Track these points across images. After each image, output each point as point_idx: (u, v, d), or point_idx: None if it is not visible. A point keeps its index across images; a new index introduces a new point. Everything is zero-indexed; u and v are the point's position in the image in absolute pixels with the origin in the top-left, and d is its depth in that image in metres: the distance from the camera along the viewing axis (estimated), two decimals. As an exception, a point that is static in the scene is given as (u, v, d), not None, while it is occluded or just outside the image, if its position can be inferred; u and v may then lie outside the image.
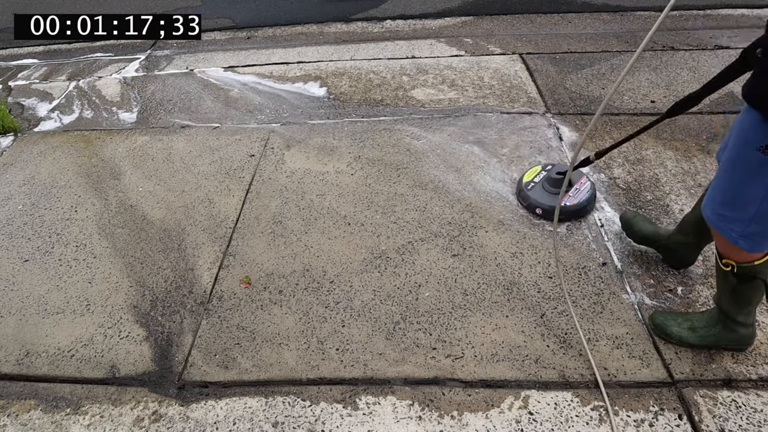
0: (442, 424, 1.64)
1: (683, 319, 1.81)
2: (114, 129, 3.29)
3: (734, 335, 1.72)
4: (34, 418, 1.75)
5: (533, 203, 2.36)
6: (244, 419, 1.70)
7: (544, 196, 2.37)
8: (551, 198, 2.35)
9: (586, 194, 2.35)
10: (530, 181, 2.44)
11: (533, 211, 2.37)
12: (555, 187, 2.37)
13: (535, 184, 2.42)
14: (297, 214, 2.48)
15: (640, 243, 2.14)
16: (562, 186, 2.21)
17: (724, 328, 1.73)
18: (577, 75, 3.45)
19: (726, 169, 1.42)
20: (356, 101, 3.34)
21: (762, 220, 1.38)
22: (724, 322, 1.72)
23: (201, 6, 5.16)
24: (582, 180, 2.41)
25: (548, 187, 2.39)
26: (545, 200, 2.35)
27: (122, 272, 2.27)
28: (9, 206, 2.70)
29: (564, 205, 2.30)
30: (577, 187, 2.38)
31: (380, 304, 2.04)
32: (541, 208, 2.34)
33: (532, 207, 2.37)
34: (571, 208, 2.31)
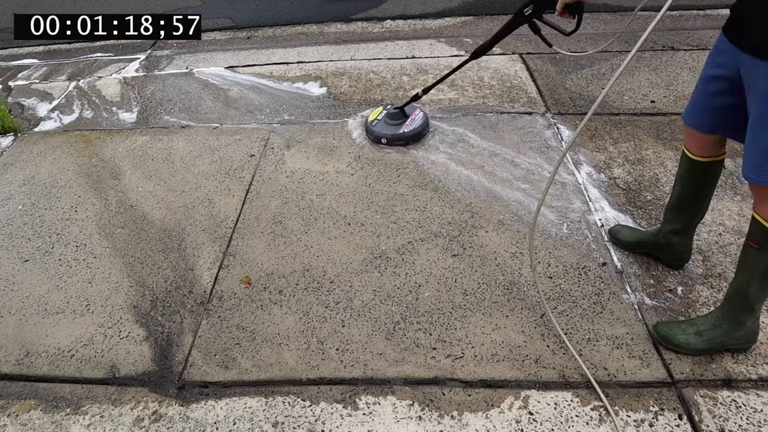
0: (442, 424, 1.64)
1: (687, 325, 1.79)
2: (114, 129, 3.29)
3: (741, 331, 1.72)
4: (34, 418, 1.75)
5: (378, 135, 2.86)
6: (244, 419, 1.70)
7: (386, 127, 2.87)
8: (392, 128, 2.85)
9: (420, 121, 2.90)
10: (374, 119, 2.93)
11: (379, 141, 2.86)
12: (394, 120, 2.88)
13: (378, 120, 2.92)
14: (297, 214, 2.48)
15: (633, 250, 2.16)
16: (399, 118, 2.87)
17: (730, 326, 1.72)
18: (577, 75, 3.45)
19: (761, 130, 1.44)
20: (356, 101, 3.34)
21: None
22: (732, 319, 1.71)
23: (201, 6, 5.16)
24: (416, 112, 2.96)
25: (389, 121, 2.88)
26: (387, 131, 2.85)
27: (122, 272, 2.27)
28: (9, 206, 2.70)
29: (402, 132, 2.83)
30: (413, 118, 2.91)
31: (380, 304, 2.04)
32: (385, 138, 2.84)
33: (377, 138, 2.86)
34: (408, 134, 2.83)
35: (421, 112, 2.96)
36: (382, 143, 2.85)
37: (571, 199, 2.44)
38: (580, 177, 2.58)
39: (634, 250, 2.16)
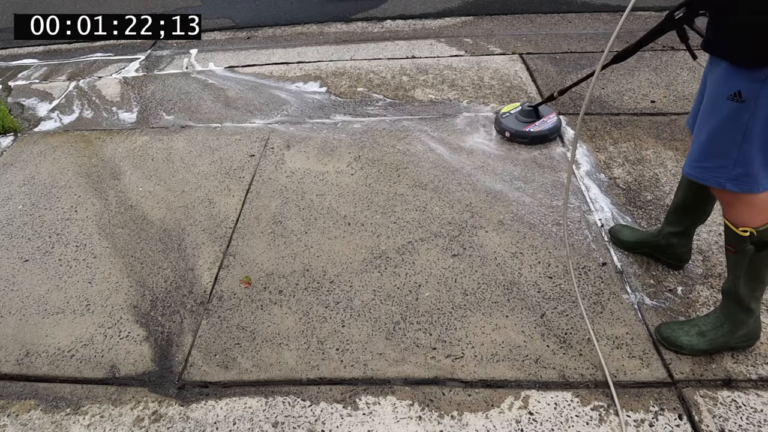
0: (442, 424, 1.64)
1: (689, 326, 1.79)
2: (114, 129, 3.29)
3: (743, 330, 1.72)
4: (34, 418, 1.75)
5: (504, 127, 2.84)
6: (244, 419, 1.70)
7: (515, 123, 2.84)
8: (520, 125, 2.82)
9: (550, 125, 2.83)
10: (507, 112, 2.92)
11: (503, 134, 2.86)
12: (526, 117, 2.84)
13: (510, 114, 2.90)
14: (297, 214, 2.48)
15: (633, 250, 2.16)
16: (530, 116, 2.83)
17: (732, 325, 1.72)
18: (577, 75, 3.45)
19: (702, 125, 1.48)
20: (356, 101, 3.34)
21: (745, 162, 1.42)
22: (732, 318, 1.71)
23: (201, 6, 5.16)
24: (551, 115, 2.88)
25: (520, 117, 2.86)
26: (515, 126, 2.83)
27: (122, 272, 2.27)
28: (9, 206, 2.70)
29: (528, 131, 2.79)
30: (545, 119, 2.85)
31: (380, 304, 2.04)
32: (509, 132, 2.83)
33: (502, 131, 2.86)
34: (534, 134, 2.78)
35: (555, 117, 2.88)
36: (506, 137, 2.85)
37: (571, 199, 2.44)
38: (581, 177, 2.58)
39: (634, 250, 2.16)
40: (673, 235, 1.99)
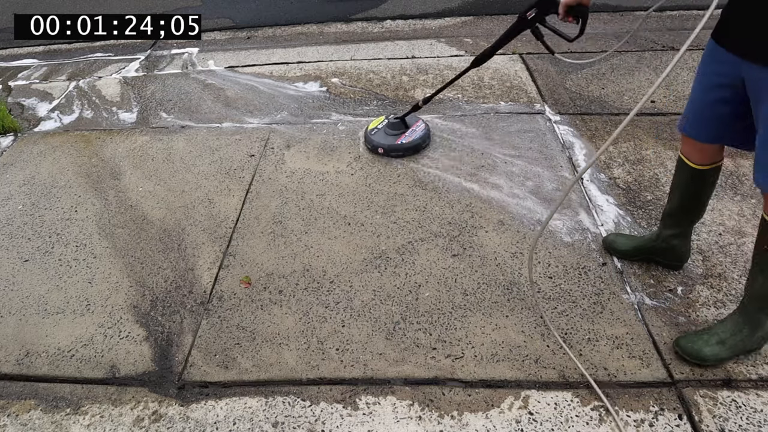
0: (442, 424, 1.64)
1: (708, 335, 1.74)
2: (114, 129, 3.29)
3: (761, 332, 1.69)
4: (34, 418, 1.75)
5: (375, 144, 2.79)
6: (244, 419, 1.70)
7: (384, 137, 2.81)
8: (391, 138, 2.79)
9: (420, 133, 2.83)
10: (374, 128, 2.87)
11: (375, 151, 2.81)
12: (393, 130, 2.82)
13: (378, 130, 2.86)
14: (297, 214, 2.48)
15: (631, 257, 2.12)
16: (399, 128, 2.81)
17: (751, 329, 1.69)
18: (577, 75, 3.45)
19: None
20: (356, 101, 3.34)
21: None
22: (752, 321, 1.68)
23: (201, 6, 5.16)
24: (417, 123, 2.89)
25: (389, 131, 2.82)
26: (385, 141, 2.79)
27: (122, 272, 2.27)
28: (9, 206, 2.70)
29: (400, 143, 2.77)
30: (413, 129, 2.85)
31: (380, 304, 2.04)
32: (381, 148, 2.78)
33: (374, 148, 2.80)
34: (406, 145, 2.77)
35: (423, 124, 2.89)
36: (379, 153, 2.79)
37: (570, 199, 2.44)
38: (580, 177, 2.58)
39: (632, 257, 2.12)
40: (674, 237, 1.98)
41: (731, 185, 2.46)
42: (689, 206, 1.89)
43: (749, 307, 1.70)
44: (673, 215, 1.95)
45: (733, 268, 2.07)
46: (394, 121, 2.84)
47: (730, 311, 1.90)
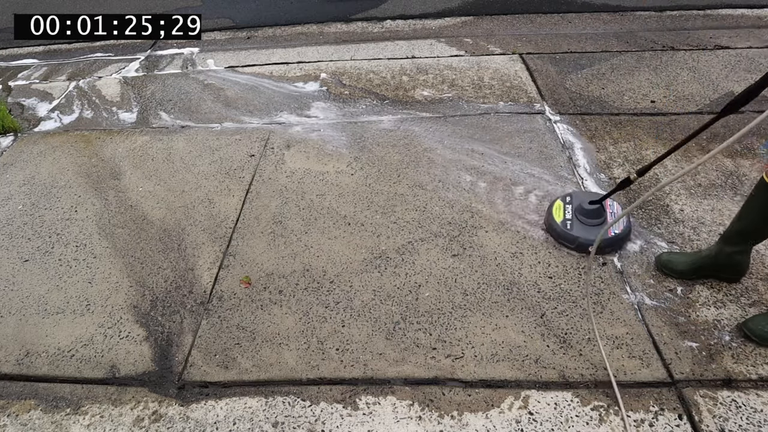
0: (442, 424, 1.64)
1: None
2: (114, 129, 3.29)
3: None
4: (34, 418, 1.75)
5: (583, 242, 2.16)
6: (244, 419, 1.70)
7: (590, 230, 2.18)
8: (596, 231, 2.17)
9: (619, 209, 2.29)
10: (564, 219, 2.24)
11: (584, 251, 2.17)
12: (592, 218, 2.21)
13: (572, 220, 2.23)
14: (297, 214, 2.48)
15: (689, 276, 2.02)
16: (596, 215, 2.20)
17: None
18: (577, 75, 3.45)
19: None
20: (356, 101, 3.34)
21: None
22: None
23: (201, 6, 5.16)
24: (608, 203, 2.29)
25: (586, 220, 2.21)
26: (592, 235, 2.16)
27: (122, 272, 2.27)
28: (9, 206, 2.70)
29: (614, 234, 2.16)
30: (611, 212, 2.27)
31: (380, 304, 2.04)
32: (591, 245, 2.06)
33: (582, 246, 2.17)
34: (621, 235, 2.18)
35: (613, 202, 2.32)
36: (589, 251, 2.03)
37: (571, 199, 2.44)
38: (580, 177, 2.58)
39: (689, 276, 2.02)
40: (738, 254, 1.93)
41: (731, 185, 2.46)
42: (760, 229, 1.83)
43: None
44: (742, 234, 1.88)
45: (733, 268, 2.07)
46: (590, 208, 2.21)
47: (730, 311, 1.91)
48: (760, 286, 2.00)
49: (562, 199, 2.33)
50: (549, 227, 2.27)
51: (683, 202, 2.39)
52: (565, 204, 2.30)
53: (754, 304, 1.93)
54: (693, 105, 3.07)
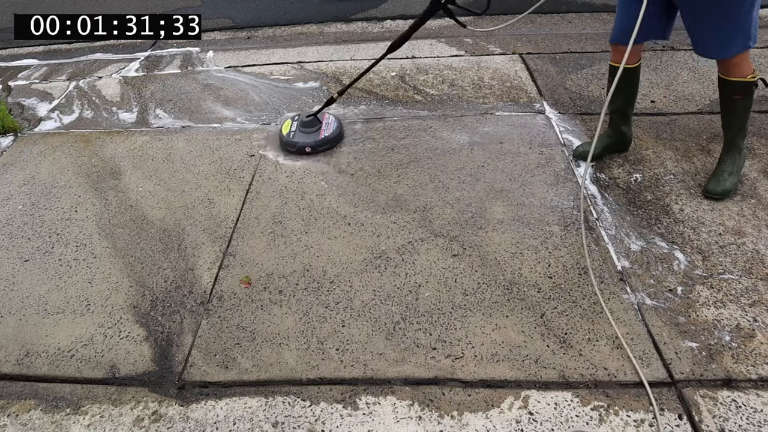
0: (442, 424, 1.64)
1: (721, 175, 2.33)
2: (114, 129, 3.29)
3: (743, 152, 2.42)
4: (34, 418, 1.75)
5: (301, 145, 2.81)
6: (244, 419, 1.70)
7: (307, 136, 2.84)
8: (314, 136, 2.83)
9: (335, 124, 2.91)
10: (289, 131, 2.88)
11: (303, 152, 2.82)
12: (310, 127, 2.85)
13: (294, 132, 2.87)
14: (297, 214, 2.48)
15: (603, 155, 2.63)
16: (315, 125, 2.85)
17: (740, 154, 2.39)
18: (577, 75, 3.46)
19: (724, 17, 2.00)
20: (356, 101, 3.34)
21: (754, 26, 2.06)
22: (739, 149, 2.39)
23: (201, 6, 5.16)
24: (326, 117, 2.94)
25: (305, 130, 2.85)
26: (308, 139, 2.82)
27: (122, 272, 2.27)
28: (9, 206, 2.70)
29: (324, 137, 2.83)
30: (327, 122, 2.90)
31: (380, 304, 2.04)
32: (309, 147, 2.81)
33: (301, 149, 2.81)
34: (330, 138, 2.85)
35: (330, 116, 2.97)
36: (307, 152, 2.81)
37: (571, 199, 2.44)
38: (580, 177, 2.58)
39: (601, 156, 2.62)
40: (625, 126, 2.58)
41: (731, 185, 2.46)
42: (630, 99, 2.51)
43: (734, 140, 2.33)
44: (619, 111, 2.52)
45: (733, 268, 2.07)
46: (307, 120, 2.88)
47: (730, 311, 1.91)
48: (760, 286, 2.00)
49: (292, 119, 2.98)
50: (280, 139, 2.92)
51: (683, 202, 2.39)
52: (292, 121, 2.95)
53: (754, 303, 1.94)
54: (693, 105, 3.06)
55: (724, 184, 2.32)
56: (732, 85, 2.18)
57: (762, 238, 2.19)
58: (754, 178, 2.47)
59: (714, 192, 2.33)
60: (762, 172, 2.51)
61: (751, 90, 2.19)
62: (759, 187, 2.43)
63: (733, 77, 2.15)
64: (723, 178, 2.34)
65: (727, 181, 2.32)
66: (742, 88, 2.16)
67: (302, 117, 2.91)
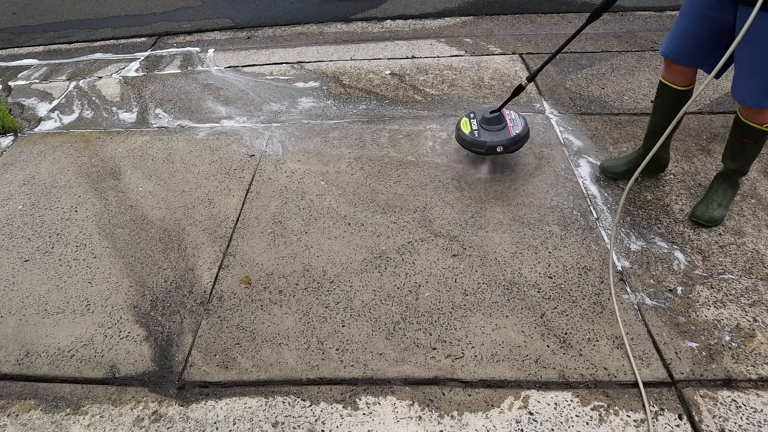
0: (442, 424, 1.64)
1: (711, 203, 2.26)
2: (114, 129, 3.29)
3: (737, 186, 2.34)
4: (34, 418, 1.75)
5: (491, 144, 2.48)
6: (244, 419, 1.70)
7: (496, 135, 2.51)
8: (504, 134, 2.51)
9: (521, 120, 2.58)
10: (472, 130, 2.56)
11: (493, 152, 2.50)
12: (495, 125, 2.53)
13: (478, 130, 2.55)
14: (297, 214, 2.48)
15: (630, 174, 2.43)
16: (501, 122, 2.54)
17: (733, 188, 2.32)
18: (577, 75, 3.46)
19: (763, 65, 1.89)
20: (356, 101, 3.34)
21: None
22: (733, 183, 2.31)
23: (201, 6, 5.16)
24: (506, 113, 2.61)
25: (490, 127, 2.53)
26: (501, 137, 2.49)
27: (122, 272, 2.27)
28: (9, 206, 2.70)
29: (516, 134, 2.50)
30: (512, 118, 2.58)
31: (380, 304, 2.04)
32: (501, 146, 2.48)
33: (491, 148, 2.49)
34: (522, 134, 2.52)
35: (511, 112, 2.64)
36: (498, 152, 2.50)
37: (570, 199, 2.44)
38: (580, 177, 2.58)
39: (629, 175, 2.45)
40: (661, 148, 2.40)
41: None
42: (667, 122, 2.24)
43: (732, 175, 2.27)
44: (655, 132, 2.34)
45: (733, 268, 2.07)
46: (491, 116, 2.55)
47: (730, 311, 1.91)
48: (760, 286, 2.00)
49: (467, 116, 2.65)
50: (460, 140, 2.59)
51: (683, 202, 2.39)
52: (470, 119, 2.62)
53: (754, 303, 1.94)
54: (693, 105, 3.06)
55: (712, 212, 2.25)
56: (748, 129, 2.10)
57: (762, 238, 2.19)
58: (754, 178, 2.47)
59: (700, 218, 2.25)
60: (762, 172, 2.51)
61: (763, 138, 2.12)
62: (759, 187, 2.43)
63: (752, 122, 2.08)
64: (712, 207, 2.26)
65: (716, 211, 2.25)
66: (757, 134, 2.10)
67: (484, 113, 2.58)
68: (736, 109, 2.16)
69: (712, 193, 2.30)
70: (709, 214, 2.24)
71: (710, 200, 2.28)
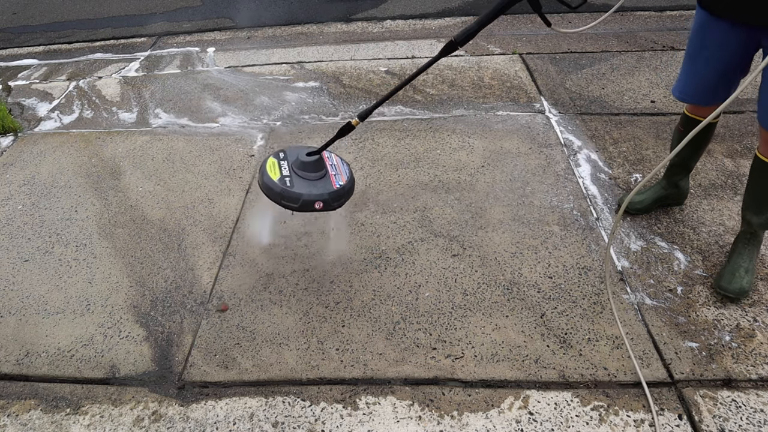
0: (442, 424, 1.64)
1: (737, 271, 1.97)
2: (114, 129, 3.29)
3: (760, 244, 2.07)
4: (34, 418, 1.75)
5: (308, 199, 1.82)
6: (244, 419, 1.70)
7: (310, 185, 1.86)
8: (318, 185, 1.87)
9: (345, 167, 1.99)
10: (282, 177, 1.87)
11: (311, 208, 1.84)
12: (312, 171, 1.90)
13: (290, 176, 1.88)
14: (297, 214, 2.48)
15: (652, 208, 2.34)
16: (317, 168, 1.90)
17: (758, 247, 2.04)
18: (577, 75, 3.46)
19: None
20: (356, 101, 3.35)
21: None
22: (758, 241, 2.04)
23: (201, 6, 5.16)
24: (326, 157, 2.00)
25: (305, 174, 1.89)
26: (317, 189, 1.85)
27: (122, 272, 2.27)
28: (9, 206, 2.70)
29: (340, 186, 1.89)
30: (334, 164, 1.98)
31: (380, 304, 2.04)
32: (321, 201, 1.84)
33: (307, 204, 1.83)
34: (347, 187, 1.92)
35: (332, 154, 2.06)
36: (317, 208, 1.84)
37: (570, 199, 2.44)
38: (580, 177, 2.58)
39: (651, 209, 2.35)
40: (681, 180, 2.30)
41: (731, 185, 2.46)
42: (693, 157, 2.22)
43: (758, 231, 2.01)
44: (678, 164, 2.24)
45: (733, 268, 2.07)
46: (308, 160, 1.91)
47: (730, 311, 1.91)
48: (760, 286, 2.00)
49: (275, 156, 1.98)
50: (265, 188, 1.88)
51: (683, 202, 2.39)
52: (279, 161, 1.95)
53: (754, 303, 1.94)
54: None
55: (740, 281, 1.94)
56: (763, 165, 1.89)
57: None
58: (754, 178, 2.47)
59: (728, 291, 1.94)
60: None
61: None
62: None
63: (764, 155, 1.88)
64: (739, 275, 1.95)
65: (744, 279, 1.94)
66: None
67: (298, 155, 1.95)
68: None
69: (737, 258, 2.00)
70: (738, 284, 1.94)
71: (736, 266, 1.98)
